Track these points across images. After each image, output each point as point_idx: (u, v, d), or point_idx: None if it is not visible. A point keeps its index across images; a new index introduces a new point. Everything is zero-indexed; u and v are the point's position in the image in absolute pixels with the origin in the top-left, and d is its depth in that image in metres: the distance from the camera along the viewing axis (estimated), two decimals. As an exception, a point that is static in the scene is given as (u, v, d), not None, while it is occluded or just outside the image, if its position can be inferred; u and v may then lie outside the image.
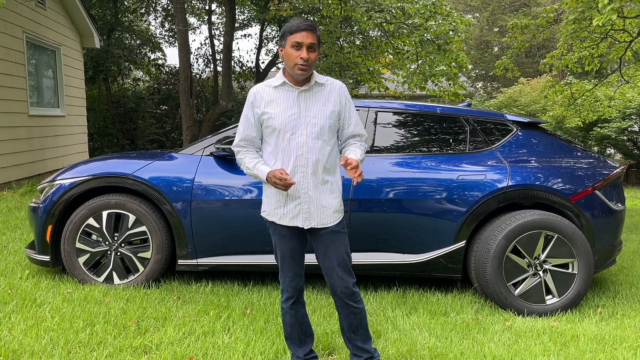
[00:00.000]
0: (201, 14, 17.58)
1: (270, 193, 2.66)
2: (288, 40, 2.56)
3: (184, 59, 10.07)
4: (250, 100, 2.66)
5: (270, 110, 2.60)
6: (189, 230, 3.97)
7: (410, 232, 3.95)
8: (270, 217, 2.67)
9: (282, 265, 2.69)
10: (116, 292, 3.81)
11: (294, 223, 2.62)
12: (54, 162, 9.94)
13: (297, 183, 2.58)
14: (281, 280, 2.71)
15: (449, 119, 4.25)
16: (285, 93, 2.62)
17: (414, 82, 8.97)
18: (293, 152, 2.58)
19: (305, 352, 2.78)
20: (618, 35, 8.31)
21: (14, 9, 8.61)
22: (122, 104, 15.42)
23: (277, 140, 2.60)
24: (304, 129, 2.59)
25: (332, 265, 2.64)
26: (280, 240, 2.67)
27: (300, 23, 2.55)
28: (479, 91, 28.54)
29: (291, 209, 2.61)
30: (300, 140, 2.58)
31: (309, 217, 2.61)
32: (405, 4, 8.34)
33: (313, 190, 2.60)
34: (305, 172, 2.59)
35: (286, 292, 2.70)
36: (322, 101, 2.63)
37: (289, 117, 2.59)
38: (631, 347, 3.28)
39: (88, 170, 4.12)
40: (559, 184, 3.98)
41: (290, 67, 2.57)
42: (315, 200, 2.61)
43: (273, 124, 2.59)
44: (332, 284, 2.68)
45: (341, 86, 2.70)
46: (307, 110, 2.61)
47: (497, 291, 3.80)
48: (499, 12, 26.19)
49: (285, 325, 2.76)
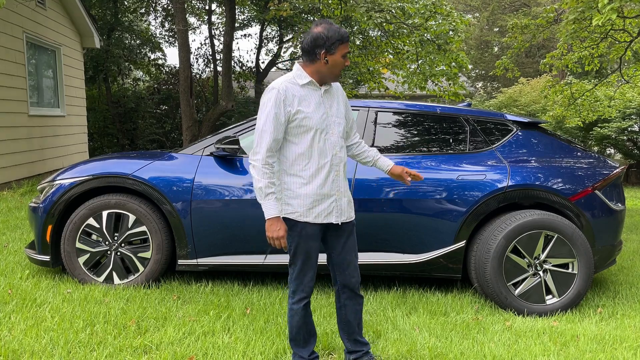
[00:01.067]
0: (201, 14, 17.58)
1: (304, 193, 2.60)
2: (339, 49, 2.57)
3: (184, 59, 10.08)
4: (280, 98, 2.54)
5: (304, 109, 2.57)
6: (189, 230, 3.97)
7: (410, 232, 3.95)
8: (304, 218, 2.61)
9: (303, 266, 2.64)
10: (116, 292, 3.81)
11: (328, 220, 2.65)
12: (54, 162, 9.95)
13: (332, 182, 2.63)
14: (297, 281, 2.66)
15: (449, 119, 4.25)
16: (312, 92, 2.63)
17: (414, 82, 8.97)
18: (329, 152, 2.62)
19: (309, 353, 2.77)
20: (618, 35, 8.31)
21: (14, 9, 8.61)
22: (122, 104, 15.43)
23: (312, 141, 2.59)
24: (333, 128, 2.64)
25: (350, 257, 2.74)
26: (306, 241, 2.62)
27: (345, 32, 2.60)
28: (479, 91, 28.53)
29: (326, 207, 2.64)
30: (333, 140, 2.64)
31: (341, 213, 2.68)
32: (405, 4, 8.33)
33: (343, 186, 2.71)
34: (338, 170, 2.66)
35: (301, 293, 2.66)
36: (337, 101, 2.72)
37: (321, 116, 2.61)
38: (631, 347, 3.28)
39: (88, 170, 4.12)
40: (559, 184, 3.98)
41: (335, 74, 2.62)
42: (345, 195, 2.71)
43: (309, 123, 2.57)
44: (347, 274, 2.74)
45: (339, 85, 2.81)
46: (330, 110, 2.66)
47: (497, 291, 3.80)
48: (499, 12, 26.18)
49: (292, 327, 2.72)
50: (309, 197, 2.60)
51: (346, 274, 2.74)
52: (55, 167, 9.81)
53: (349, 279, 2.74)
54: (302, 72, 2.62)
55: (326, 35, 2.55)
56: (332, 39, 2.55)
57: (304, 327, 2.72)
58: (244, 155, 4.08)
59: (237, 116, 14.21)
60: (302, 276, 2.65)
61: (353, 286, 2.76)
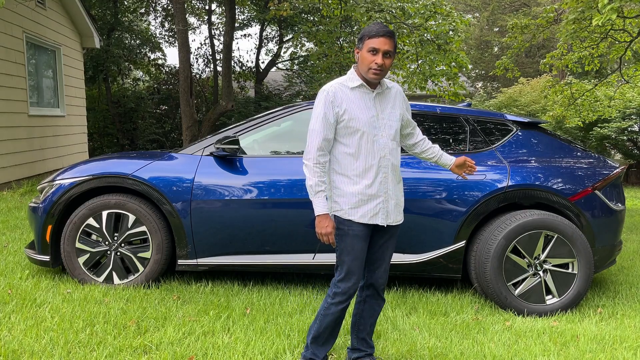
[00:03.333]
0: (201, 14, 17.59)
1: (350, 192, 2.64)
2: (365, 44, 2.60)
3: (184, 59, 10.07)
4: (329, 99, 2.62)
5: (352, 110, 2.62)
6: (189, 230, 3.97)
7: (410, 232, 3.94)
8: (349, 216, 2.64)
9: (349, 267, 2.63)
10: (116, 292, 3.81)
11: (373, 221, 2.66)
12: (54, 162, 9.95)
13: (380, 183, 2.66)
14: (342, 283, 2.64)
15: (449, 119, 4.25)
16: (363, 95, 2.66)
17: (414, 82, 8.97)
18: (377, 154, 2.64)
19: (324, 353, 2.77)
20: (618, 35, 8.31)
21: (14, 9, 8.61)
22: (122, 104, 15.42)
23: (360, 142, 2.63)
24: (383, 131, 2.66)
25: (384, 258, 2.77)
26: (354, 240, 2.64)
27: (379, 29, 2.59)
28: (479, 91, 28.52)
29: (372, 207, 2.65)
30: (382, 142, 2.65)
31: (387, 215, 2.69)
32: (405, 4, 8.33)
33: (392, 189, 2.70)
34: (386, 172, 2.67)
35: (344, 295, 2.64)
36: (392, 104, 2.73)
37: (370, 118, 2.64)
38: (631, 347, 3.28)
39: (88, 170, 4.12)
40: (559, 184, 3.98)
41: (364, 70, 2.62)
42: (393, 198, 2.71)
43: (355, 125, 2.61)
44: (378, 274, 2.77)
45: (401, 89, 2.84)
46: (382, 113, 2.68)
47: (497, 291, 3.80)
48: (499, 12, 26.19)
49: (321, 325, 2.70)
50: (355, 196, 2.63)
51: (376, 273, 2.77)
52: (55, 167, 9.81)
53: (376, 279, 2.78)
54: (354, 76, 2.69)
55: (360, 34, 2.66)
56: (362, 35, 2.64)
57: (331, 328, 2.72)
58: (244, 155, 4.08)
59: (237, 116, 14.20)
60: (348, 278, 2.64)
61: (378, 287, 2.79)
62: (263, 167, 4.03)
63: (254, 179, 3.97)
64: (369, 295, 2.81)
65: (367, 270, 2.78)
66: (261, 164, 4.06)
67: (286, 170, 3.98)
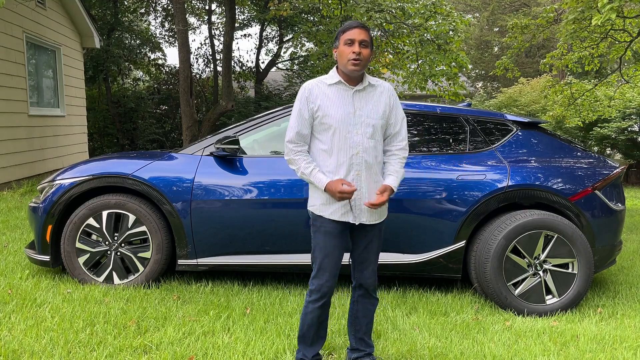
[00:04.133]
0: (201, 14, 17.59)
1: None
2: (341, 39, 2.64)
3: (184, 59, 10.07)
4: (304, 95, 2.67)
5: (326, 107, 2.64)
6: (189, 230, 3.97)
7: (410, 232, 3.95)
8: (320, 212, 2.66)
9: (321, 264, 2.66)
10: (116, 292, 3.81)
11: (345, 219, 2.65)
12: (54, 162, 9.95)
13: (352, 181, 2.64)
14: (315, 280, 2.67)
15: (449, 119, 4.25)
16: (340, 92, 2.67)
17: (414, 82, 8.97)
18: (349, 151, 2.63)
19: (313, 354, 2.78)
20: (618, 35, 8.31)
21: (14, 9, 8.61)
22: (122, 104, 15.42)
23: (333, 138, 2.64)
24: (359, 128, 2.64)
25: (371, 258, 2.76)
26: (325, 237, 2.66)
27: (352, 22, 2.65)
28: (479, 91, 28.53)
29: (343, 205, 2.64)
30: (356, 139, 2.63)
31: (360, 214, 2.66)
32: (405, 4, 8.33)
33: (365, 187, 2.66)
34: (359, 170, 2.65)
35: (317, 293, 2.67)
36: (374, 101, 2.70)
37: (345, 115, 2.63)
38: (631, 347, 3.28)
39: (88, 170, 4.12)
40: (558, 184, 3.98)
41: (344, 63, 2.63)
42: (367, 197, 2.66)
43: (329, 121, 2.63)
44: (365, 274, 2.76)
45: (390, 88, 2.78)
46: (360, 110, 2.66)
47: (497, 291, 3.80)
48: (499, 12, 26.19)
49: (304, 324, 2.74)
50: (325, 193, 2.64)
51: (364, 274, 2.77)
52: (55, 167, 9.81)
53: (365, 280, 2.78)
54: (334, 73, 2.71)
55: (335, 35, 2.70)
56: (337, 34, 2.69)
57: (314, 327, 2.73)
58: (244, 155, 4.08)
59: (237, 116, 14.20)
60: (319, 275, 2.66)
61: (368, 287, 2.79)
62: (263, 167, 4.03)
63: (254, 179, 3.97)
64: (360, 295, 2.82)
65: (356, 271, 2.79)
66: (261, 164, 4.06)
67: (286, 170, 3.97)
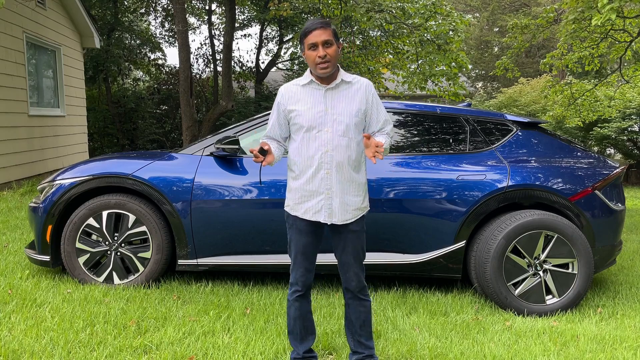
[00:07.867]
0: (201, 14, 17.58)
1: (294, 188, 2.70)
2: (304, 44, 2.65)
3: (184, 59, 10.08)
4: (277, 99, 2.74)
5: (297, 108, 2.67)
6: (189, 230, 3.97)
7: (411, 232, 3.95)
8: (294, 212, 2.70)
9: (294, 259, 2.73)
10: (116, 292, 3.81)
11: (316, 218, 2.67)
12: (54, 162, 9.94)
13: (321, 179, 2.64)
14: (292, 274, 2.76)
15: (449, 119, 4.25)
16: (312, 91, 2.68)
17: (414, 82, 8.97)
18: (319, 150, 2.63)
19: (305, 350, 2.80)
20: (618, 35, 8.31)
21: (14, 9, 8.61)
22: (122, 104, 15.42)
23: (304, 138, 2.66)
24: (330, 127, 2.63)
25: (350, 261, 2.73)
26: (297, 235, 2.71)
27: (310, 24, 2.62)
28: (479, 91, 28.53)
29: (314, 204, 2.65)
30: (326, 137, 2.63)
31: (331, 213, 2.66)
32: (405, 4, 8.33)
33: (337, 186, 2.65)
34: (329, 168, 2.63)
35: (295, 286, 2.75)
36: (348, 99, 2.68)
37: (316, 114, 2.64)
38: (631, 347, 3.28)
39: (88, 170, 4.12)
40: (559, 184, 3.98)
41: (313, 67, 2.64)
42: (338, 196, 2.65)
43: (300, 121, 2.65)
44: (347, 277, 2.75)
45: (368, 84, 2.73)
46: (333, 108, 2.65)
47: (497, 291, 3.80)
48: (499, 12, 26.19)
49: (289, 319, 2.80)
50: (298, 192, 2.68)
51: (346, 276, 2.76)
52: (55, 167, 9.81)
53: (348, 283, 2.77)
54: (307, 74, 2.73)
55: (299, 37, 2.71)
56: (300, 38, 2.70)
57: (299, 320, 2.77)
58: (244, 155, 4.08)
59: (237, 116, 14.20)
60: (295, 270, 2.74)
61: (353, 290, 2.76)
62: (263, 167, 4.03)
63: (254, 179, 3.97)
64: (349, 298, 2.82)
65: (341, 274, 2.80)
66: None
67: (286, 170, 3.97)
